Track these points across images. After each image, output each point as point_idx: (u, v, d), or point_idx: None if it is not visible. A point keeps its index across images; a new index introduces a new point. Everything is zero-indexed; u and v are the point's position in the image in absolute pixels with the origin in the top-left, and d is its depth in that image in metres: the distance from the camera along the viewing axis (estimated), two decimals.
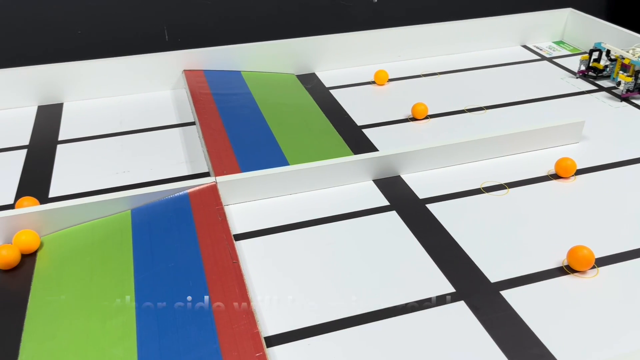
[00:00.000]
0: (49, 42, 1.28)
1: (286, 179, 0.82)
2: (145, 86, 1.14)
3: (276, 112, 1.02)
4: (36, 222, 0.73)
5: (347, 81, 1.19)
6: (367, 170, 0.85)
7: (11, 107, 1.07)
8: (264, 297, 0.65)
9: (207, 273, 0.65)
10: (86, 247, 0.71)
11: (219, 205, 0.76)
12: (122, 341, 0.58)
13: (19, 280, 0.68)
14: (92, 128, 1.01)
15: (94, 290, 0.65)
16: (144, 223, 0.74)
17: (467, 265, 0.70)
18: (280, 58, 1.20)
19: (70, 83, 1.09)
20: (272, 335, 0.60)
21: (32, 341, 0.59)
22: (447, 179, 0.86)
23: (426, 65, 1.26)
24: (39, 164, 0.90)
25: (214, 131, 0.94)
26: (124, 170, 0.89)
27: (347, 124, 1.02)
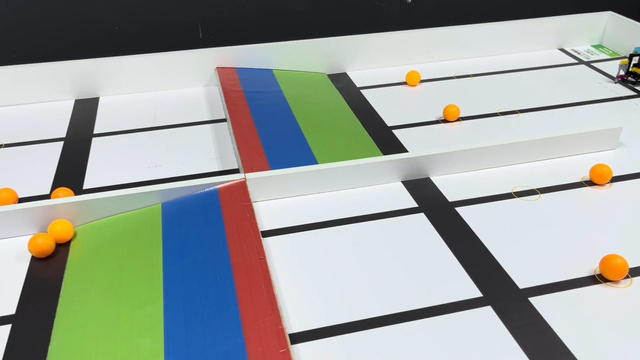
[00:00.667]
0: (87, 38, 1.31)
1: (314, 178, 0.82)
2: (178, 82, 1.16)
3: (306, 110, 1.03)
4: (70, 213, 0.75)
5: (379, 81, 1.18)
6: (396, 171, 0.85)
7: (50, 100, 1.10)
8: (289, 294, 0.66)
9: (234, 268, 0.66)
10: (117, 238, 0.73)
11: (248, 201, 0.77)
12: (150, 331, 0.59)
13: (52, 268, 0.69)
14: (126, 122, 1.03)
15: (124, 280, 0.66)
16: (174, 217, 0.75)
17: (496, 270, 0.69)
18: (311, 57, 1.20)
19: (106, 78, 1.12)
20: (297, 332, 0.61)
21: (63, 328, 0.61)
22: (477, 183, 0.85)
23: (459, 66, 1.25)
24: (74, 156, 0.93)
25: (244, 128, 0.95)
26: (156, 165, 0.90)
27: (377, 124, 1.01)
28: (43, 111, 1.07)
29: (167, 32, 1.36)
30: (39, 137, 0.98)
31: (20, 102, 1.09)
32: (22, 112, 1.06)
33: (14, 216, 0.73)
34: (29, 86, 1.09)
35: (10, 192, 0.80)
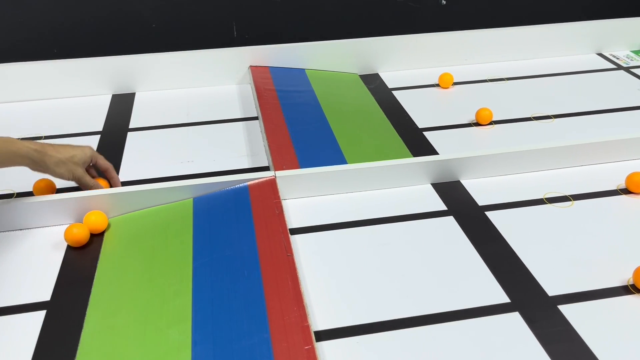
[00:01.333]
0: (125, 35, 1.34)
1: (344, 178, 0.82)
2: (212, 80, 1.17)
3: (337, 110, 1.03)
4: (105, 204, 0.77)
5: (411, 83, 1.18)
6: (426, 174, 0.84)
7: (88, 94, 1.13)
8: (315, 291, 0.66)
9: (262, 264, 0.67)
10: (150, 230, 0.74)
11: (277, 199, 0.77)
12: (178, 323, 0.60)
13: (86, 258, 0.71)
14: (161, 118, 1.05)
15: (154, 272, 0.68)
16: (204, 211, 0.76)
17: (524, 276, 0.68)
18: (344, 57, 1.20)
19: (142, 74, 1.15)
20: (322, 330, 0.61)
21: (95, 316, 0.62)
22: (508, 187, 0.84)
23: (493, 70, 1.23)
24: (110, 150, 0.95)
25: (275, 127, 0.96)
26: (189, 160, 0.92)
27: (408, 125, 1.01)
28: (81, 105, 1.10)
29: (202, 30, 1.38)
30: (77, 130, 1.01)
31: (60, 95, 1.12)
32: (61, 106, 1.10)
33: (52, 206, 0.76)
34: (69, 80, 1.12)
35: (48, 183, 0.82)
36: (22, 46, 1.30)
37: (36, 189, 0.81)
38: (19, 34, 1.28)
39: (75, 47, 1.32)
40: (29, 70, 1.10)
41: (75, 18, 1.29)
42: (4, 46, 1.28)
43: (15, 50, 1.27)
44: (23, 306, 0.64)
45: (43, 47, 1.31)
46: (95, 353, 0.58)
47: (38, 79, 1.11)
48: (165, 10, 1.34)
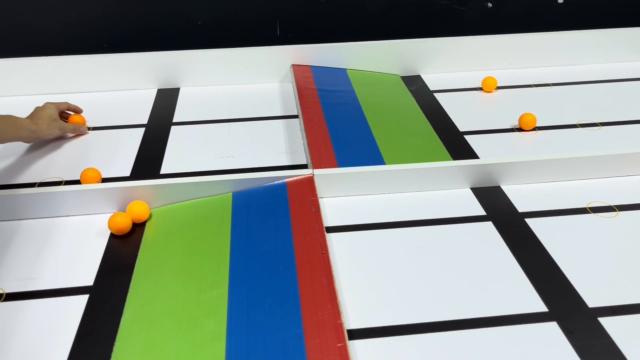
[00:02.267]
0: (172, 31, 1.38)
1: (381, 178, 0.82)
2: (254, 77, 1.19)
3: (377, 111, 1.03)
4: (148, 195, 0.79)
5: (453, 86, 1.16)
6: (466, 177, 0.83)
7: (135, 88, 1.17)
8: (349, 290, 0.66)
9: (298, 260, 0.67)
10: (189, 222, 0.76)
11: (314, 197, 0.78)
12: (214, 314, 0.61)
13: (128, 246, 0.74)
14: (204, 113, 1.07)
15: (192, 263, 0.69)
16: (243, 206, 0.78)
17: (564, 286, 0.67)
18: (386, 58, 1.20)
19: (187, 70, 1.17)
20: (355, 329, 0.61)
21: (135, 302, 0.64)
22: (550, 195, 0.82)
23: (539, 75, 1.21)
24: (154, 142, 0.98)
25: (315, 125, 0.96)
26: (229, 155, 0.94)
27: (449, 128, 1.00)
28: (128, 98, 1.13)
29: (246, 28, 1.40)
30: (123, 123, 1.04)
31: (107, 88, 1.16)
32: (109, 99, 1.13)
33: (98, 195, 0.78)
34: (117, 74, 1.16)
35: (95, 172, 0.85)
36: (75, 40, 1.34)
37: (83, 177, 0.84)
38: (72, 28, 1.32)
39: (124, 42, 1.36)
40: (81, 63, 1.14)
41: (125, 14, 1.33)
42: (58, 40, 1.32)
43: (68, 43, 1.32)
44: (68, 289, 0.67)
45: (94, 41, 1.36)
46: (134, 338, 0.59)
47: (89, 72, 1.15)
48: (211, 7, 1.36)
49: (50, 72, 1.13)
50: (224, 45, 1.19)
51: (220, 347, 0.57)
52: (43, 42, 1.33)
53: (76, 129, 0.98)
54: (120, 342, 0.59)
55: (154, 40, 1.38)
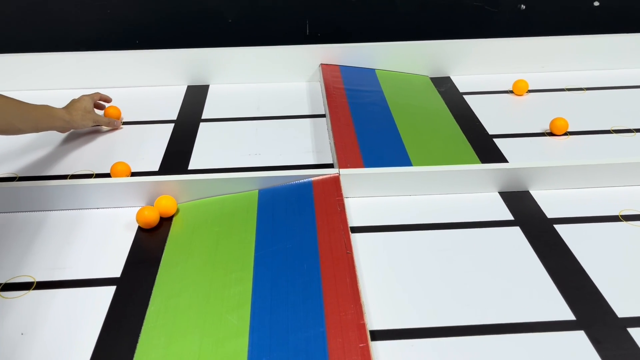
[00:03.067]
0: (202, 29, 1.39)
1: (408, 180, 0.82)
2: (283, 76, 1.20)
3: (405, 112, 1.02)
4: (176, 190, 0.80)
5: (483, 88, 1.15)
6: (494, 181, 0.82)
7: (165, 84, 1.18)
8: (373, 291, 0.66)
9: (322, 259, 0.67)
10: (216, 218, 0.77)
11: (340, 196, 0.78)
12: (238, 309, 0.62)
13: (155, 239, 0.75)
14: (232, 110, 1.08)
15: (218, 258, 0.70)
16: (268, 203, 0.78)
17: (593, 294, 0.65)
18: (415, 59, 1.19)
19: (217, 67, 1.18)
20: (377, 330, 0.61)
21: (161, 295, 0.65)
22: (581, 201, 0.81)
23: (572, 79, 1.18)
24: (183, 138, 0.99)
25: (342, 125, 0.96)
26: (256, 153, 0.94)
27: (478, 131, 0.99)
28: (158, 94, 1.15)
29: (276, 27, 1.40)
30: (153, 118, 1.06)
31: (139, 84, 1.18)
32: (140, 94, 1.15)
33: (127, 188, 0.80)
34: (148, 70, 1.17)
35: (125, 166, 0.87)
36: (108, 37, 1.37)
37: (113, 171, 0.86)
38: (106, 24, 1.35)
39: (156, 39, 1.38)
40: (114, 59, 1.16)
41: (157, 11, 1.35)
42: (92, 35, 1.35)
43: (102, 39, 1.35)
44: (96, 280, 0.68)
45: (127, 38, 1.38)
46: (159, 330, 0.60)
47: (121, 68, 1.17)
48: (241, 5, 1.37)
49: (84, 67, 1.16)
50: (253, 44, 1.20)
51: (243, 343, 0.58)
52: (78, 37, 1.36)
53: (110, 122, 1.00)
54: (146, 334, 0.60)
55: (185, 37, 1.39)
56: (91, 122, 0.96)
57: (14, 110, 0.78)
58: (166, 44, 1.26)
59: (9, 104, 0.78)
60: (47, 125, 0.87)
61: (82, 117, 0.94)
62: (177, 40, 1.38)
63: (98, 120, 0.98)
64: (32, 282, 0.68)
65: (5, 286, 0.67)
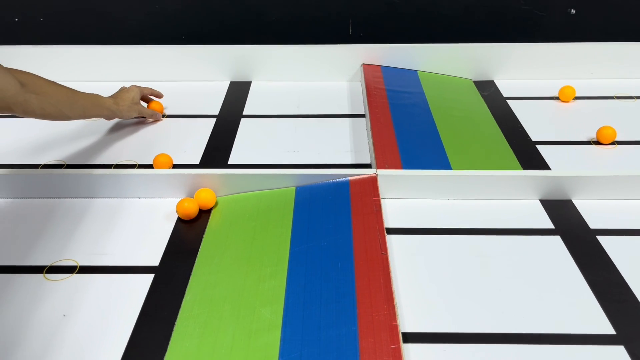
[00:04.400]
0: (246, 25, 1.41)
1: (447, 183, 0.81)
2: (324, 75, 1.20)
3: (446, 114, 1.01)
4: (215, 183, 0.81)
5: (528, 93, 1.13)
6: (535, 188, 0.80)
7: (209, 80, 1.20)
8: (406, 293, 0.66)
9: (356, 258, 0.68)
10: (253, 212, 0.78)
11: (377, 196, 0.78)
12: (271, 303, 0.63)
13: (194, 231, 0.76)
14: (272, 107, 1.09)
15: (254, 252, 0.71)
16: (305, 201, 0.79)
17: (635, 309, 0.63)
18: (459, 61, 1.18)
19: (259, 64, 1.20)
20: (409, 332, 0.61)
21: (197, 285, 0.67)
22: (626, 213, 0.78)
23: (622, 87, 1.15)
24: (223, 133, 1.01)
25: (382, 125, 0.96)
26: (294, 150, 0.95)
27: (521, 137, 0.97)
28: (202, 89, 1.17)
29: (319, 26, 1.41)
30: (195, 112, 1.08)
31: (183, 78, 1.20)
32: (183, 88, 1.17)
33: (168, 180, 0.81)
34: (192, 65, 1.20)
35: (167, 158, 0.89)
36: (155, 31, 1.40)
37: (156, 162, 0.88)
38: (154, 19, 1.38)
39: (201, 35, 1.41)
40: (160, 53, 1.19)
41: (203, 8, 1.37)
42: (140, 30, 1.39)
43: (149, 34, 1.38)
44: (135, 267, 0.70)
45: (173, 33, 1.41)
46: (194, 320, 0.62)
47: (166, 62, 1.19)
48: (285, 4, 1.38)
49: (131, 60, 1.19)
50: (296, 42, 1.21)
51: (275, 337, 0.58)
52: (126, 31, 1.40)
53: (153, 114, 1.03)
54: (181, 322, 0.61)
55: (229, 33, 1.41)
56: (136, 113, 0.99)
57: (64, 98, 0.81)
58: (211, 40, 1.28)
59: (60, 92, 0.81)
60: (94, 114, 0.90)
61: (128, 107, 0.97)
62: (221, 37, 1.40)
63: (142, 111, 1.01)
64: (75, 266, 0.70)
65: (50, 269, 0.70)
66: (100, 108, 0.91)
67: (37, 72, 1.21)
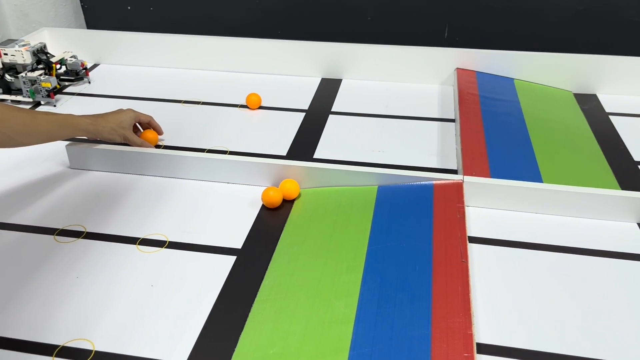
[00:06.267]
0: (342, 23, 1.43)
1: (537, 196, 0.78)
2: (415, 77, 1.19)
3: (542, 126, 0.97)
4: (300, 175, 0.83)
5: (633, 110, 1.06)
6: (634, 211, 0.76)
7: (301, 75, 1.23)
8: (484, 304, 0.64)
9: (435, 263, 0.67)
10: (334, 207, 0.79)
11: (461, 203, 0.76)
12: (346, 297, 0.63)
13: (276, 219, 0.79)
14: (361, 106, 1.10)
15: (332, 245, 0.72)
16: (386, 200, 0.79)
17: None
18: (559, 72, 1.13)
19: (351, 62, 1.20)
20: (483, 343, 0.59)
21: (275, 272, 0.69)
22: None
23: None
24: (311, 128, 1.02)
25: (472, 132, 0.94)
26: (380, 150, 0.95)
27: (621, 155, 0.91)
28: (293, 84, 1.20)
29: (414, 27, 1.40)
30: (286, 106, 1.11)
31: (276, 72, 1.24)
32: (276, 81, 1.21)
33: (256, 168, 0.84)
34: (286, 60, 1.22)
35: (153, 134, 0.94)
36: (254, 25, 1.45)
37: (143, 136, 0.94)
38: (253, 13, 1.43)
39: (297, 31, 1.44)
40: (256, 46, 1.23)
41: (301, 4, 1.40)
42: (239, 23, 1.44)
43: (248, 27, 1.43)
44: (219, 248, 0.73)
45: (270, 27, 1.46)
46: (270, 304, 0.64)
47: (262, 55, 1.23)
48: (382, 4, 1.39)
49: (229, 51, 1.24)
50: (390, 42, 1.21)
51: (347, 330, 0.59)
52: (226, 24, 1.46)
53: (142, 144, 0.90)
54: (258, 305, 0.64)
55: (324, 31, 1.44)
56: (120, 138, 0.89)
57: (20, 126, 0.76)
58: (306, 36, 1.31)
59: (15, 118, 0.75)
60: (64, 135, 0.83)
61: (109, 131, 0.87)
62: (316, 33, 1.43)
63: (129, 139, 0.89)
64: (165, 241, 0.75)
65: (142, 241, 0.75)
66: (72, 129, 0.83)
67: (144, 57, 1.29)
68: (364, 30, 1.43)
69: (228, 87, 1.18)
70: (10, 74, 1.10)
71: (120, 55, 1.28)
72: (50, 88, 1.08)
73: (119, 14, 1.52)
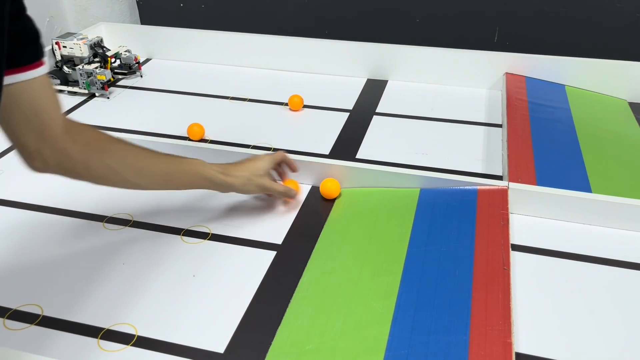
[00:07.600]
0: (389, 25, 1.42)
1: (584, 206, 0.75)
2: (463, 80, 1.17)
3: (593, 134, 0.94)
4: (341, 175, 0.83)
5: None
6: None
7: (346, 75, 1.23)
8: (524, 313, 0.63)
9: (476, 269, 0.66)
10: (375, 208, 0.79)
11: (505, 210, 0.75)
12: (384, 299, 0.63)
13: (317, 217, 0.79)
14: (406, 108, 1.09)
15: (371, 246, 0.72)
16: (428, 203, 0.78)
17: None
18: (613, 80, 1.09)
19: (398, 63, 1.20)
20: (522, 353, 0.58)
21: (314, 269, 0.69)
22: None
23: None
24: (355, 128, 1.03)
25: (519, 138, 0.92)
26: (424, 152, 0.94)
27: None
28: (339, 84, 1.20)
29: (463, 30, 1.38)
30: (330, 105, 1.11)
31: (322, 72, 1.24)
32: (322, 81, 1.21)
33: (299, 166, 0.85)
34: (332, 60, 1.23)
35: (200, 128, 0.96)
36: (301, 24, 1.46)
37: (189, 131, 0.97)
38: (302, 12, 1.45)
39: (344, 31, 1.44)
40: (303, 45, 1.24)
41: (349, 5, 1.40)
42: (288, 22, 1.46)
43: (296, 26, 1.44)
44: (260, 243, 0.74)
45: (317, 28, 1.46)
46: (308, 301, 0.64)
47: (308, 54, 1.24)
48: (431, 5, 1.37)
49: (277, 49, 1.25)
50: (437, 44, 1.19)
51: (384, 331, 0.59)
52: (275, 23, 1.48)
53: (287, 192, 0.79)
54: (296, 301, 0.64)
55: (371, 31, 1.44)
56: (257, 190, 0.76)
57: (121, 154, 0.66)
58: (353, 36, 1.31)
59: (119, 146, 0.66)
60: (183, 182, 0.72)
61: (244, 182, 0.74)
62: (363, 34, 1.42)
63: (270, 187, 0.77)
64: (208, 233, 0.76)
65: (186, 232, 0.76)
66: (196, 177, 0.71)
67: (194, 53, 1.32)
68: (412, 32, 1.42)
69: (275, 85, 1.19)
70: (68, 65, 1.15)
71: (171, 50, 1.32)
72: (105, 81, 1.12)
73: (172, 11, 1.56)
